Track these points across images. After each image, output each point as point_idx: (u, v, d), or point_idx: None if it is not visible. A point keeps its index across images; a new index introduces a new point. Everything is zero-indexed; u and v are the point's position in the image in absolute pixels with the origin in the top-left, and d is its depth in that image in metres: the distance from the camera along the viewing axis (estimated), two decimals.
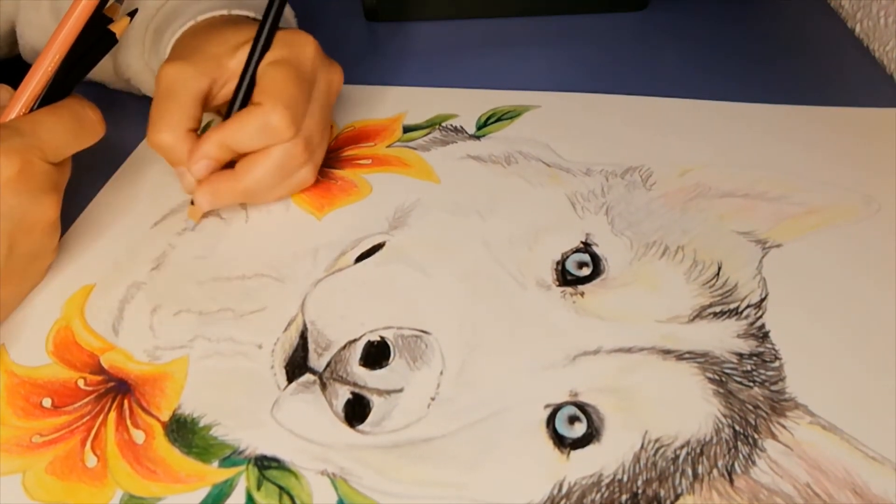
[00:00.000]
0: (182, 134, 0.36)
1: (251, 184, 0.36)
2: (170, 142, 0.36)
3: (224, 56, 0.37)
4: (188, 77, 0.36)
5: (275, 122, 0.34)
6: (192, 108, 0.36)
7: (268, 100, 0.35)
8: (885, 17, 0.48)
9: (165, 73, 0.36)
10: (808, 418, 0.29)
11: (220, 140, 0.35)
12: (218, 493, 0.28)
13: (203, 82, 0.36)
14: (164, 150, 0.36)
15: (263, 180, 0.36)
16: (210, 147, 0.36)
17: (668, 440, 0.28)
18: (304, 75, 0.36)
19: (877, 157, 0.40)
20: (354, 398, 0.30)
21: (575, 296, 0.33)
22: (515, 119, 0.44)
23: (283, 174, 0.37)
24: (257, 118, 0.35)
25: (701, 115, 0.44)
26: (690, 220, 0.37)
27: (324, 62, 0.38)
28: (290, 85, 0.35)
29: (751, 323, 0.32)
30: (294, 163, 0.37)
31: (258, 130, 0.35)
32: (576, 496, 0.27)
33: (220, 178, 0.37)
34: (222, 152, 0.36)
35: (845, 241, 0.35)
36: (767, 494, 0.27)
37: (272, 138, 0.35)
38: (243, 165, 0.36)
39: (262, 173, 0.36)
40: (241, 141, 0.35)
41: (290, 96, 0.35)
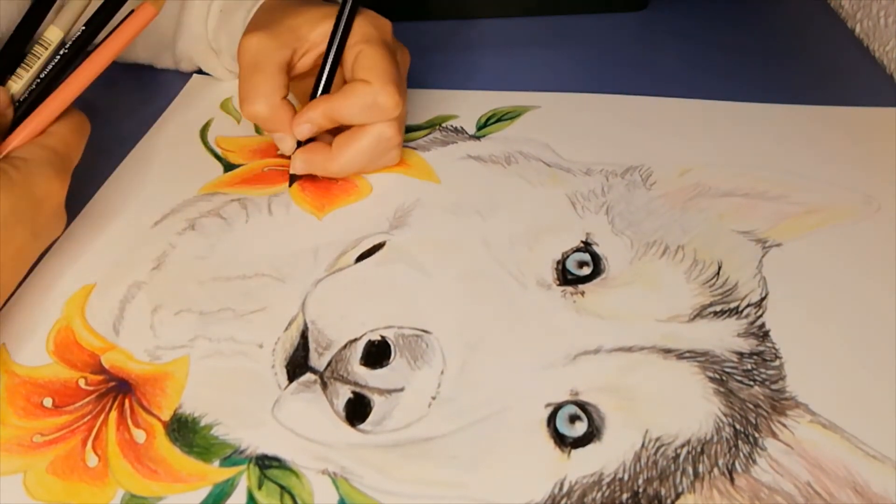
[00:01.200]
0: (277, 102, 0.37)
1: (345, 161, 0.38)
2: (266, 112, 0.37)
3: (303, 27, 0.38)
4: (271, 48, 0.37)
5: (385, 100, 0.36)
6: (279, 77, 0.37)
7: (377, 79, 0.36)
8: (885, 17, 0.48)
9: (248, 46, 0.37)
10: (809, 417, 0.29)
11: (326, 110, 0.37)
12: (219, 493, 0.28)
13: (286, 52, 0.37)
14: (259, 120, 0.38)
15: (357, 159, 0.38)
16: (315, 114, 0.37)
17: (668, 439, 0.28)
18: (394, 56, 0.38)
19: (877, 157, 0.40)
20: (355, 397, 0.30)
21: (575, 295, 0.33)
22: (515, 119, 0.44)
23: (377, 153, 0.38)
24: (367, 95, 0.36)
25: (701, 114, 0.44)
26: (690, 219, 0.37)
27: (398, 44, 0.39)
28: (392, 65, 0.37)
29: (751, 322, 0.32)
30: (388, 144, 0.38)
31: (366, 107, 0.36)
32: (577, 495, 0.27)
33: (316, 150, 0.38)
34: (326, 121, 0.37)
35: (845, 240, 0.35)
36: (768, 493, 0.27)
37: (379, 116, 0.36)
38: (340, 143, 0.38)
39: (357, 151, 0.38)
40: (347, 114, 0.37)
41: (395, 76, 0.36)
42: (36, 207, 0.32)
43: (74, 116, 0.36)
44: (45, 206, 0.33)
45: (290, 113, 0.38)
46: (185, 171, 0.42)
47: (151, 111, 0.47)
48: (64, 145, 0.34)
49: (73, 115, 0.36)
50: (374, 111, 0.36)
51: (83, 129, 0.36)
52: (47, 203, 0.33)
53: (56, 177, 0.33)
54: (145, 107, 0.47)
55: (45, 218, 0.33)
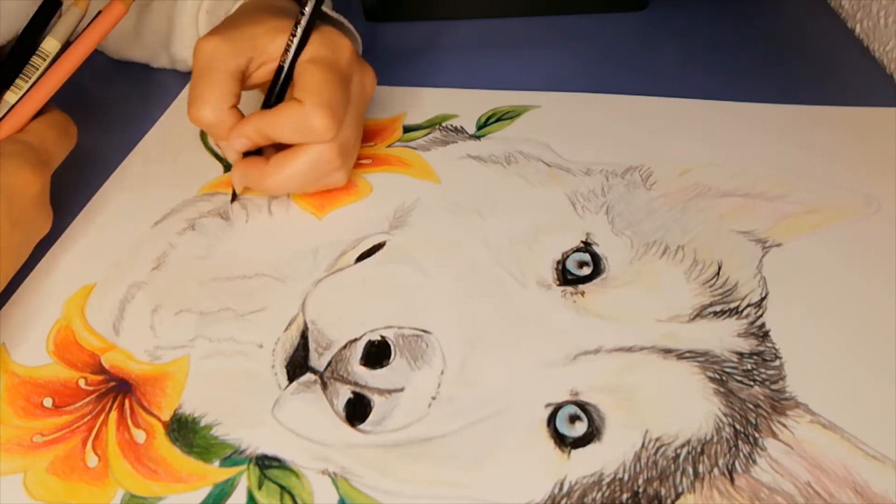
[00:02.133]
0: (224, 110, 0.36)
1: (280, 180, 0.37)
2: (211, 118, 0.36)
3: (262, 37, 0.37)
4: (224, 54, 0.36)
5: (315, 123, 0.34)
6: (230, 84, 0.36)
7: (309, 99, 0.35)
8: (885, 17, 0.48)
9: (202, 50, 0.36)
10: (809, 417, 0.29)
11: (259, 126, 0.36)
12: (219, 493, 0.28)
13: (240, 60, 0.36)
14: (206, 126, 0.37)
15: (293, 178, 0.37)
16: (248, 129, 0.36)
17: (668, 439, 0.28)
18: (342, 77, 0.36)
19: (877, 157, 0.40)
20: (355, 397, 0.30)
21: (575, 295, 0.33)
22: (515, 119, 0.44)
23: (314, 176, 0.37)
24: (297, 116, 0.35)
25: (701, 114, 0.44)
26: (690, 219, 0.37)
27: (358, 64, 0.38)
28: (331, 87, 0.35)
29: (751, 322, 0.32)
30: (327, 168, 0.37)
31: (296, 127, 0.35)
32: (577, 495, 0.27)
33: (252, 165, 0.37)
34: (259, 137, 0.36)
35: (845, 240, 0.35)
36: (768, 493, 0.27)
37: (310, 137, 0.35)
38: (276, 161, 0.37)
39: (292, 171, 0.37)
40: (278, 132, 0.36)
41: (331, 98, 0.35)
42: (9, 198, 0.32)
43: (54, 115, 0.36)
44: (21, 198, 0.33)
45: (236, 122, 0.37)
46: (185, 172, 0.42)
47: (152, 111, 0.47)
48: (40, 140, 0.35)
49: (53, 114, 0.36)
50: (305, 132, 0.35)
51: (63, 128, 0.36)
52: (22, 194, 0.33)
53: (28, 168, 0.33)
54: (145, 107, 0.47)
55: (23, 209, 0.33)
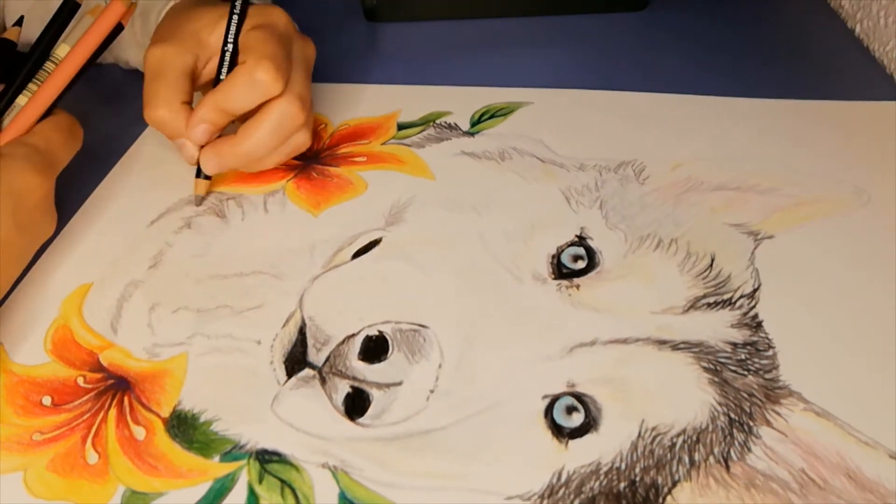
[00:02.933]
0: (177, 107, 0.37)
1: (252, 144, 0.37)
2: (166, 116, 0.37)
3: (202, 31, 0.38)
4: (172, 55, 0.37)
5: (260, 75, 0.35)
6: (181, 82, 0.37)
7: (250, 56, 0.36)
8: (885, 17, 0.48)
9: (151, 56, 0.37)
10: (802, 405, 0.29)
11: (213, 103, 0.37)
12: (220, 488, 0.28)
13: (188, 58, 0.37)
14: (161, 125, 0.37)
15: (264, 140, 0.37)
16: (205, 111, 0.37)
17: (664, 428, 0.28)
18: (282, 37, 0.38)
19: (867, 151, 0.40)
20: (354, 392, 0.30)
21: (571, 289, 0.34)
22: (509, 116, 0.45)
23: (282, 134, 0.38)
24: (244, 75, 0.36)
25: (692, 109, 0.44)
26: (683, 213, 0.37)
27: (297, 33, 0.39)
28: (270, 42, 0.37)
29: (744, 313, 0.32)
30: (292, 122, 0.37)
31: (247, 86, 0.36)
32: (575, 484, 0.27)
33: (222, 142, 0.38)
34: (218, 115, 0.37)
35: (836, 232, 0.36)
36: (763, 480, 0.27)
37: (261, 93, 0.36)
38: (244, 127, 0.37)
39: (262, 133, 0.37)
40: (233, 100, 0.36)
41: (271, 51, 0.36)
42: (15, 201, 0.32)
43: (61, 117, 0.36)
44: (26, 201, 0.33)
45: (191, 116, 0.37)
46: (181, 171, 0.42)
47: None
48: (46, 143, 0.35)
49: (60, 116, 0.36)
50: (256, 87, 0.36)
51: (70, 130, 0.36)
52: (28, 197, 0.33)
53: (35, 172, 0.33)
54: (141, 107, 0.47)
55: (28, 212, 0.33)
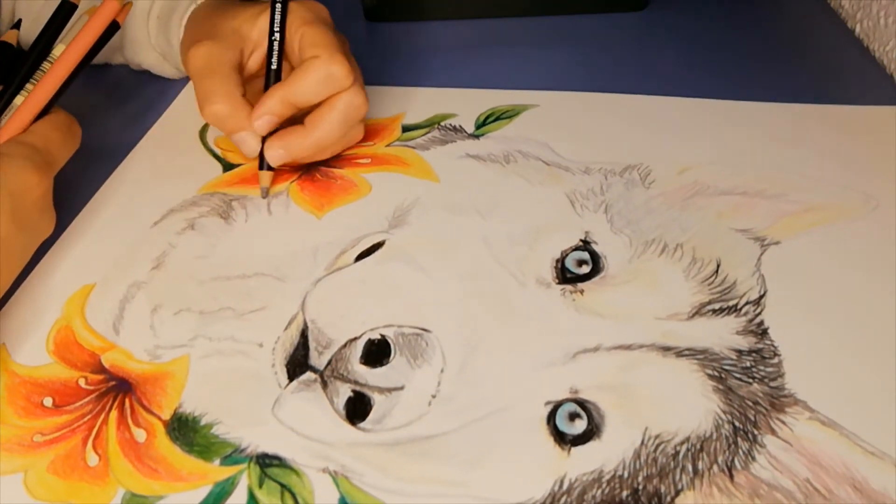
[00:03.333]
0: (237, 101, 0.37)
1: (321, 135, 0.38)
2: (226, 110, 0.37)
3: (243, 26, 0.39)
4: (219, 51, 0.37)
5: (336, 70, 0.36)
6: (234, 77, 0.37)
7: (324, 51, 0.36)
8: (885, 17, 0.48)
9: (196, 55, 0.37)
10: (808, 414, 0.29)
11: (283, 95, 0.37)
12: (220, 492, 0.28)
13: (234, 53, 0.38)
14: (221, 119, 0.37)
15: (332, 130, 0.38)
16: (273, 103, 0.37)
17: (668, 436, 0.28)
18: (335, 31, 0.38)
19: (875, 156, 0.40)
20: (355, 396, 0.30)
21: (575, 294, 0.34)
22: (514, 118, 0.44)
23: (348, 124, 0.38)
24: (319, 69, 0.36)
25: (699, 113, 0.44)
26: (689, 217, 0.37)
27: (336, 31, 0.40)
28: (336, 39, 0.37)
29: (750, 320, 0.32)
30: (357, 112, 0.38)
31: (321, 81, 0.36)
32: (577, 492, 0.27)
33: (290, 133, 0.38)
34: (285, 108, 0.37)
35: (844, 238, 0.36)
36: (767, 490, 0.27)
37: (335, 86, 0.37)
38: (312, 118, 0.38)
39: (330, 123, 0.38)
40: (304, 93, 0.37)
41: (339, 46, 0.37)
42: (14, 199, 0.32)
43: (59, 116, 0.36)
44: (25, 199, 0.33)
45: (250, 111, 0.38)
46: (185, 171, 0.42)
47: (151, 112, 0.47)
48: (44, 141, 0.35)
49: (57, 114, 0.36)
50: (330, 82, 0.36)
51: (69, 128, 0.36)
52: (27, 196, 0.33)
53: (33, 170, 0.33)
54: (145, 108, 0.47)
55: (27, 211, 0.33)
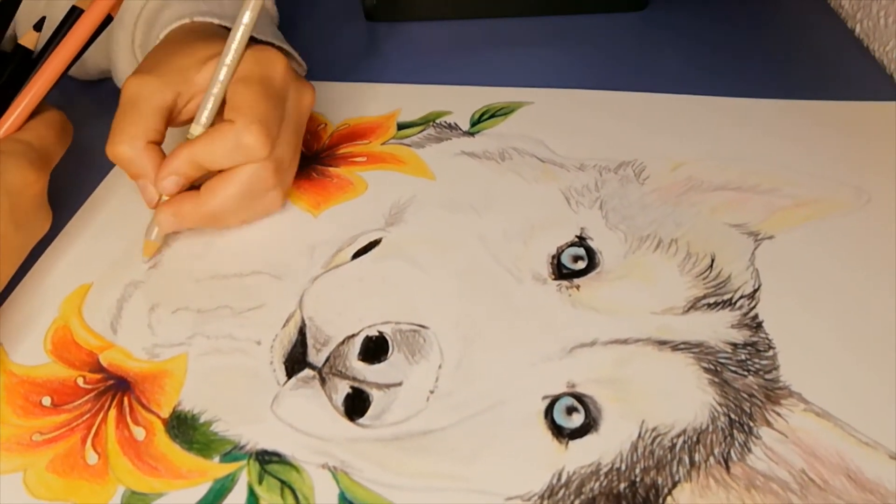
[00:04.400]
0: (142, 146, 0.34)
1: (216, 206, 0.35)
2: (128, 154, 0.34)
3: (190, 69, 0.36)
4: (152, 89, 0.35)
5: (249, 140, 0.33)
6: (153, 120, 0.35)
7: (241, 118, 0.34)
8: (885, 17, 0.48)
9: (129, 86, 0.35)
10: (803, 406, 0.29)
11: (189, 156, 0.34)
12: (220, 488, 0.28)
13: (167, 95, 0.35)
14: (122, 162, 0.35)
15: (229, 202, 0.35)
16: (179, 163, 0.35)
17: (664, 429, 0.28)
18: (276, 94, 0.35)
19: (867, 151, 0.40)
20: (354, 392, 0.30)
21: (571, 289, 0.34)
22: (509, 115, 0.45)
23: (250, 197, 0.36)
24: (230, 136, 0.34)
25: (692, 109, 0.44)
26: (683, 213, 0.37)
27: (295, 81, 0.37)
28: (262, 103, 0.34)
29: (744, 313, 0.32)
30: (262, 186, 0.36)
31: (231, 149, 0.34)
32: (575, 485, 0.27)
33: (183, 199, 0.35)
34: (192, 169, 0.35)
35: (836, 232, 0.36)
36: (763, 481, 0.27)
37: (245, 157, 0.34)
38: (209, 186, 0.35)
39: (227, 195, 0.35)
40: (212, 158, 0.34)
41: (263, 114, 0.34)
42: (12, 197, 0.32)
43: (53, 114, 0.36)
44: (23, 197, 0.33)
45: (157, 160, 0.35)
46: None
47: None
48: (39, 139, 0.34)
49: (51, 112, 0.36)
50: (241, 152, 0.34)
51: (62, 126, 0.36)
52: (25, 193, 0.33)
53: (31, 168, 0.33)
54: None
55: (25, 209, 0.33)
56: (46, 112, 0.36)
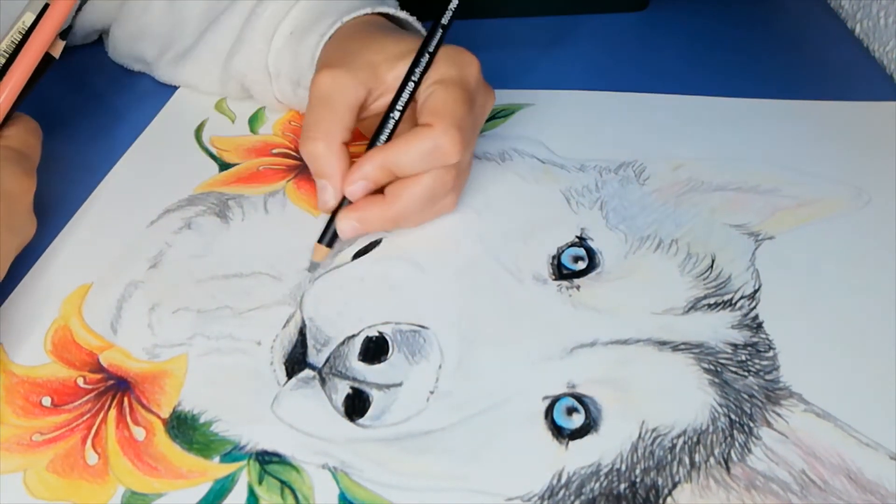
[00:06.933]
0: (337, 145, 0.34)
1: (401, 210, 0.34)
2: (322, 151, 0.34)
3: (382, 65, 0.35)
4: (346, 86, 0.34)
5: (446, 144, 0.32)
6: (347, 118, 0.34)
7: (440, 122, 0.33)
8: (885, 17, 0.48)
9: (321, 81, 0.35)
10: (803, 406, 0.29)
11: (382, 161, 0.34)
12: (220, 489, 0.28)
13: (360, 92, 0.35)
14: (314, 160, 0.35)
15: (413, 206, 0.35)
16: (371, 168, 0.34)
17: (665, 430, 0.28)
18: (471, 97, 0.35)
19: (867, 150, 0.40)
20: (354, 393, 0.30)
21: (571, 289, 0.34)
22: (509, 117, 0.45)
23: (432, 201, 0.35)
24: (428, 140, 0.33)
25: (692, 110, 0.44)
26: (684, 213, 0.37)
27: (482, 84, 0.36)
28: (461, 107, 0.34)
29: (745, 314, 0.32)
30: (444, 189, 0.35)
31: (427, 153, 0.33)
32: (575, 485, 0.27)
33: (368, 205, 0.34)
34: (382, 174, 0.34)
35: (837, 232, 0.36)
36: (764, 481, 0.27)
37: (439, 161, 0.33)
38: (394, 191, 0.34)
39: (413, 199, 0.34)
40: (406, 163, 0.33)
41: (461, 119, 0.33)
42: (11, 204, 0.32)
43: (28, 120, 0.36)
44: (19, 204, 0.33)
45: (345, 162, 0.34)
46: (181, 171, 0.42)
47: (147, 112, 0.47)
48: (25, 146, 0.35)
49: (26, 119, 0.36)
50: (435, 157, 0.33)
51: (37, 132, 0.36)
52: (21, 200, 0.33)
53: (24, 175, 0.33)
54: (141, 107, 0.47)
55: (19, 215, 0.33)
56: (23, 119, 0.36)
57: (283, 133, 0.45)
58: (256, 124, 0.45)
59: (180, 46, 0.46)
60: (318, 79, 0.35)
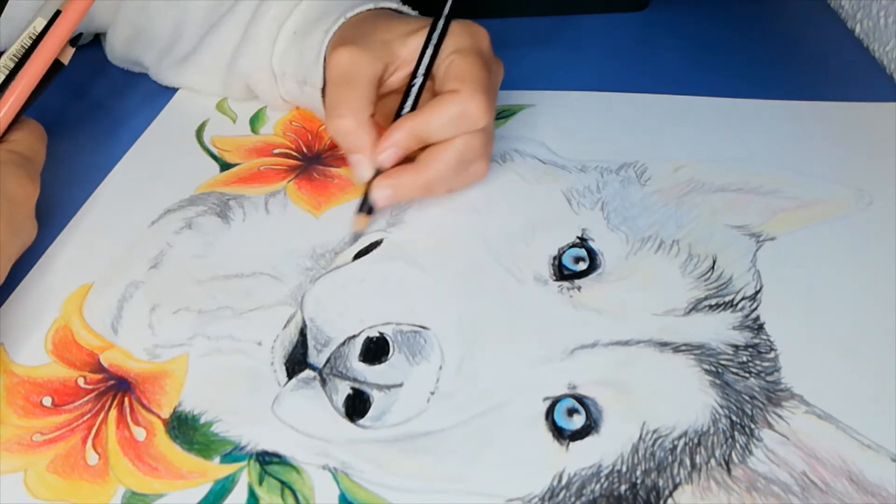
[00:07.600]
0: (364, 119, 0.35)
1: (434, 175, 0.35)
2: (352, 126, 0.35)
3: (395, 42, 0.36)
4: (364, 61, 0.35)
5: (473, 109, 0.34)
6: (370, 92, 0.35)
7: (466, 87, 0.34)
8: (885, 17, 0.48)
9: (339, 59, 0.35)
10: (804, 408, 0.29)
11: (412, 128, 0.35)
12: (220, 489, 0.28)
13: (378, 66, 0.36)
14: (344, 136, 0.35)
15: (446, 171, 0.35)
16: (402, 135, 0.35)
17: (665, 431, 0.28)
18: (488, 65, 0.36)
19: (869, 152, 0.40)
20: (354, 393, 0.30)
21: (572, 290, 0.34)
22: (510, 118, 0.45)
23: (463, 166, 0.36)
24: (456, 105, 0.34)
25: (694, 111, 0.44)
26: (685, 214, 0.37)
27: (494, 55, 0.38)
28: (484, 73, 0.35)
29: (746, 315, 0.32)
30: (473, 154, 0.36)
31: (455, 118, 0.34)
32: (575, 487, 0.27)
33: (401, 172, 0.35)
34: (412, 141, 0.35)
35: (838, 234, 0.36)
36: (765, 483, 0.27)
37: (468, 126, 0.34)
38: (425, 157, 0.35)
39: (445, 164, 0.35)
40: (435, 129, 0.34)
41: (485, 84, 0.34)
42: (14, 207, 0.32)
43: (34, 124, 0.36)
44: (22, 207, 0.33)
45: (375, 134, 0.35)
46: (182, 171, 0.42)
47: (148, 112, 0.47)
48: (30, 150, 0.35)
49: (32, 123, 0.36)
50: (464, 121, 0.34)
51: (43, 137, 0.36)
52: (24, 204, 0.33)
53: (28, 179, 0.33)
54: (142, 107, 0.47)
55: (22, 218, 0.33)
56: (30, 123, 0.36)
57: (284, 133, 0.45)
58: (257, 124, 0.45)
59: (180, 51, 0.46)
60: (336, 56, 0.36)
